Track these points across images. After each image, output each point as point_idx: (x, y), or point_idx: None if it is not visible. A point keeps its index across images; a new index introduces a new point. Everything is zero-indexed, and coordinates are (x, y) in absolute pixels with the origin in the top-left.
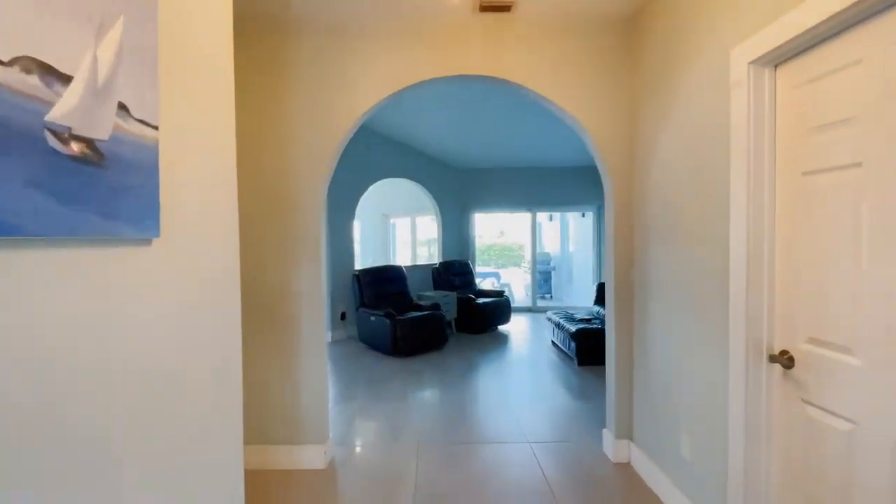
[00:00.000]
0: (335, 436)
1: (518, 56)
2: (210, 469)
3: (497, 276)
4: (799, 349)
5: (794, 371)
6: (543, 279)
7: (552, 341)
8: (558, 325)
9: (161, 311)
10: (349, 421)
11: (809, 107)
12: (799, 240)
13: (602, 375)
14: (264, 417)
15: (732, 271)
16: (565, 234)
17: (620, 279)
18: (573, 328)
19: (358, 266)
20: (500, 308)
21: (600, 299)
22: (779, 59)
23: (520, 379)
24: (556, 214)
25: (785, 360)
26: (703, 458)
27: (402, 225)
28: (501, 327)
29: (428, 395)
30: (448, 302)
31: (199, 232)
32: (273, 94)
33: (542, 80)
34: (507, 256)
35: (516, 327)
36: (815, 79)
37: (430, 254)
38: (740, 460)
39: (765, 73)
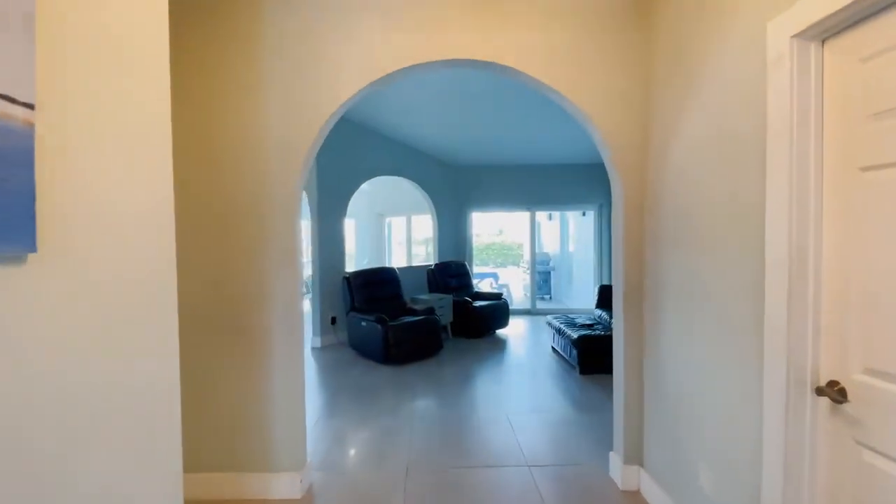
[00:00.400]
0: (316, 458)
1: (515, 38)
2: None
3: (495, 276)
4: (853, 380)
5: (846, 407)
6: (542, 280)
7: (552, 347)
8: (559, 331)
9: (45, 343)
10: (332, 440)
11: (868, 89)
12: (854, 248)
13: (606, 385)
14: (233, 442)
15: (769, 283)
16: (565, 233)
17: (630, 285)
18: (575, 335)
19: (354, 267)
20: (497, 311)
21: (603, 302)
22: (829, 31)
23: (518, 390)
24: (556, 213)
25: (835, 392)
26: (726, 493)
27: (398, 224)
28: (499, 331)
29: (420, 410)
30: (443, 305)
31: (114, 242)
32: (238, 81)
33: (541, 65)
34: (506, 255)
35: (515, 331)
36: (877, 54)
37: (427, 253)
38: None
39: (810, 49)
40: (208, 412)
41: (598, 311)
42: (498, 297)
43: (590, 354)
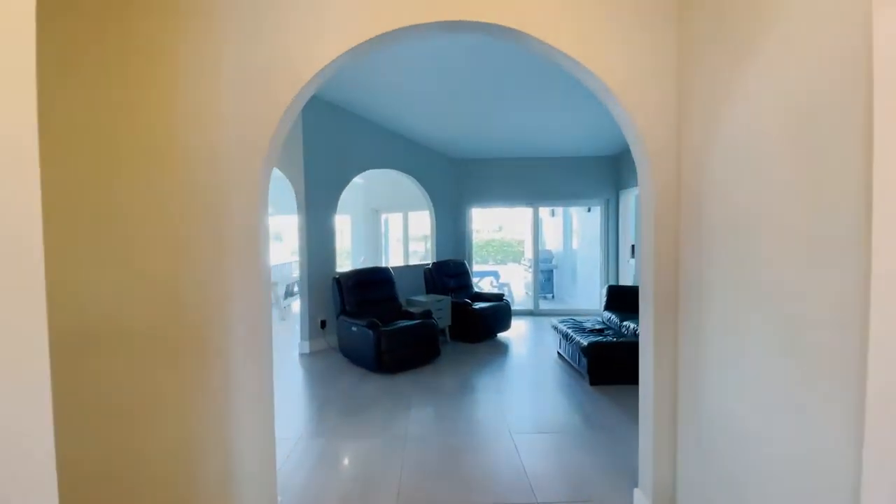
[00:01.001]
0: (290, 493)
1: None
2: None
3: (496, 274)
4: None
5: None
6: (545, 278)
7: (558, 352)
8: (566, 336)
9: None
10: (313, 466)
11: None
12: None
13: (619, 398)
14: (184, 484)
15: (875, 308)
16: (568, 230)
17: (662, 290)
18: (584, 341)
19: (350, 266)
20: (499, 313)
21: (612, 304)
22: None
23: (523, 403)
24: (558, 209)
25: None
26: None
27: (395, 221)
28: (501, 334)
29: (414, 427)
30: (441, 308)
31: None
32: (188, 51)
33: (554, 27)
34: (506, 252)
35: (517, 334)
36: None
37: (426, 250)
38: None
39: None
40: (153, 448)
41: (608, 314)
42: (499, 298)
43: (601, 363)
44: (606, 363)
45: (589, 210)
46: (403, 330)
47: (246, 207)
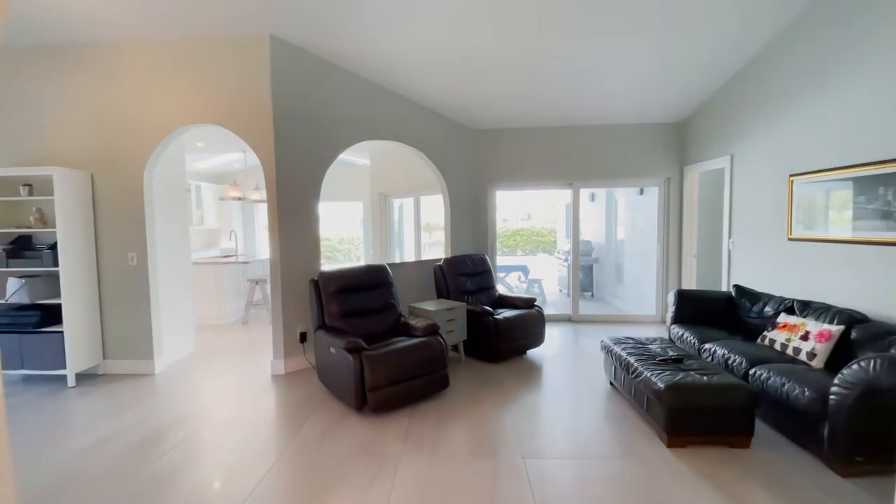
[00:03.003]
0: None
1: None
2: None
3: (524, 269)
4: None
5: None
6: (583, 273)
7: (611, 383)
8: (626, 367)
9: None
10: None
11: None
12: None
13: (719, 476)
14: None
15: None
16: (612, 217)
17: None
18: (658, 382)
19: (365, 262)
20: (529, 325)
21: (683, 316)
22: None
23: (566, 487)
24: (600, 192)
25: None
26: None
27: (409, 207)
28: (532, 351)
29: None
30: (454, 318)
31: None
32: None
33: None
34: (537, 242)
35: (552, 349)
36: None
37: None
38: None
39: None
40: None
41: (677, 330)
42: (530, 304)
43: (685, 415)
44: (692, 414)
45: (641, 192)
46: (397, 353)
47: None
